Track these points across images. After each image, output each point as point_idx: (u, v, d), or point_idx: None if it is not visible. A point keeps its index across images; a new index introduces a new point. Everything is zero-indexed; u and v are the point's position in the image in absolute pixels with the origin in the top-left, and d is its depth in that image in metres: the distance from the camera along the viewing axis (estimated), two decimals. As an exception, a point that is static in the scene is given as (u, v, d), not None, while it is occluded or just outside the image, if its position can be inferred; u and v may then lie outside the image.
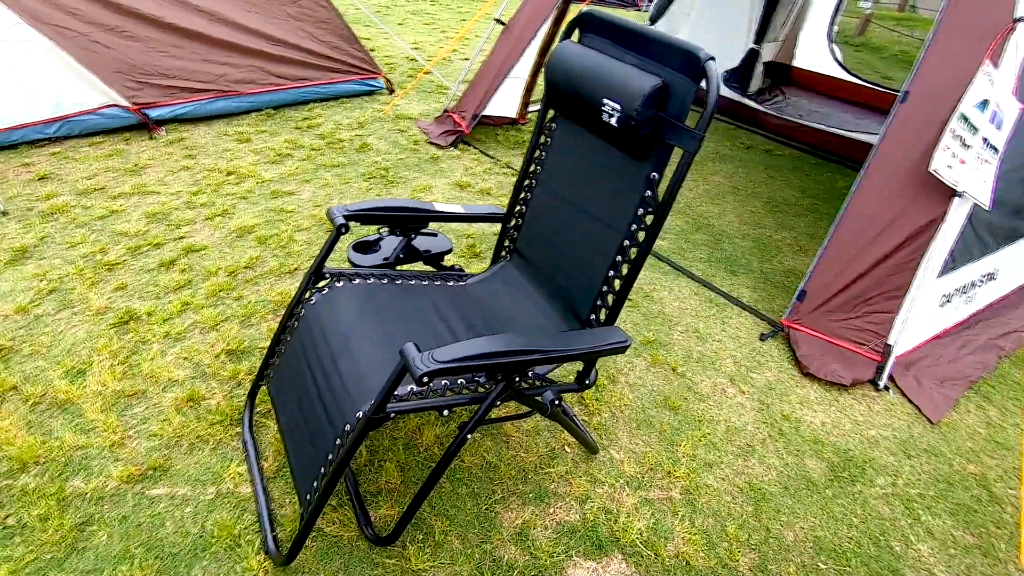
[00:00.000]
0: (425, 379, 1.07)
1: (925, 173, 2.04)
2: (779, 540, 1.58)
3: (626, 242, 1.35)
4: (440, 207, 1.67)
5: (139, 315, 2.00)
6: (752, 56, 4.69)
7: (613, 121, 1.27)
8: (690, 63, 1.15)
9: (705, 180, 3.82)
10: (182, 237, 2.45)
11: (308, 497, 1.26)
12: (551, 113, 1.61)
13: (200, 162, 3.07)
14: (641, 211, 1.31)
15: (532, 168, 1.67)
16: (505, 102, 3.93)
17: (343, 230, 1.46)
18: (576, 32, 1.48)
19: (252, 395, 1.68)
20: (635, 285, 2.58)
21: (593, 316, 1.46)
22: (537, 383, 1.44)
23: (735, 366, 2.20)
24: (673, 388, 2.04)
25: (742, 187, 3.78)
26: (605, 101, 1.27)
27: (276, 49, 3.72)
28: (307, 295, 1.52)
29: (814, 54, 5.24)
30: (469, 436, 1.28)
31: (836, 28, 5.29)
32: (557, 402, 1.39)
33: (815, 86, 5.24)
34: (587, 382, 1.46)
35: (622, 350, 1.31)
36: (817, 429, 1.96)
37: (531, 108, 4.45)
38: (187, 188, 2.81)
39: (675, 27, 5.19)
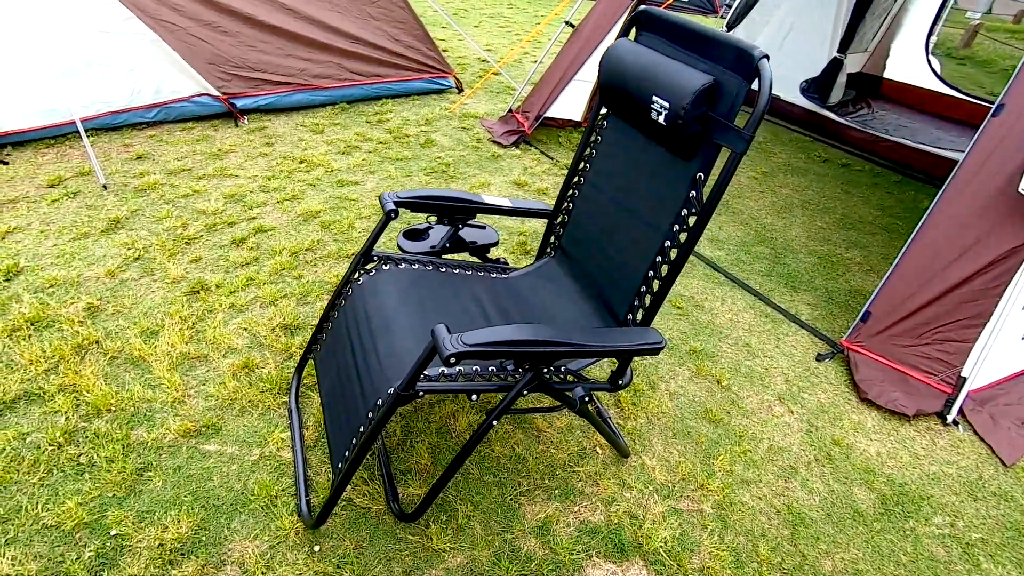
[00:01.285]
0: (452, 360, 1.10)
1: (1014, 194, 1.88)
2: (815, 568, 1.50)
3: (667, 243, 1.33)
4: (488, 199, 1.70)
5: (209, 286, 2.16)
6: (835, 66, 4.45)
7: (661, 119, 1.25)
8: (743, 61, 1.12)
9: (773, 192, 3.66)
10: (254, 218, 2.62)
11: (339, 466, 1.32)
12: (603, 113, 1.61)
13: (277, 150, 3.27)
14: (684, 211, 1.29)
15: (581, 166, 1.67)
16: (570, 104, 3.93)
17: (392, 215, 1.52)
18: (633, 30, 1.48)
19: (300, 368, 1.78)
20: (687, 293, 2.52)
21: (630, 316, 1.44)
22: (569, 378, 1.44)
23: (786, 384, 2.10)
24: (716, 400, 1.98)
25: (813, 201, 3.60)
26: (655, 98, 1.26)
27: (354, 47, 3.91)
28: (355, 275, 1.60)
29: (908, 66, 4.91)
30: (495, 423, 1.30)
31: (935, 39, 4.94)
32: (588, 399, 1.38)
33: (907, 100, 4.91)
34: (620, 382, 1.45)
35: (655, 351, 1.29)
36: (870, 458, 1.84)
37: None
38: (263, 173, 3.01)
39: (753, 34, 5.02)
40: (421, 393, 1.20)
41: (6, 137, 2.82)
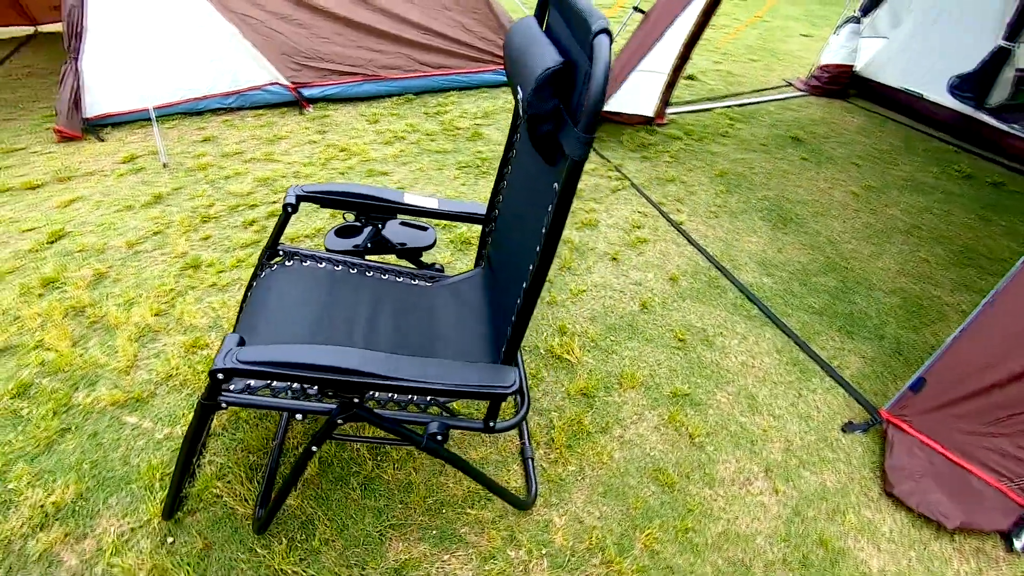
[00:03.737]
0: (219, 376, 0.99)
1: None
2: None
3: (531, 267, 1.08)
4: (409, 199, 1.55)
5: (202, 264, 2.28)
6: (998, 57, 3.51)
7: (522, 112, 1.01)
8: (585, 36, 0.85)
9: (873, 212, 3.00)
10: (275, 202, 2.73)
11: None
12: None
13: (327, 138, 3.39)
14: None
15: (507, 168, 1.45)
16: (637, 98, 3.57)
17: (290, 209, 1.45)
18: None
19: (229, 354, 1.79)
20: (698, 324, 2.14)
21: (504, 348, 1.21)
22: (433, 410, 1.25)
23: (784, 454, 1.67)
24: (676, 459, 1.63)
25: (925, 226, 2.88)
26: (519, 89, 1.02)
27: (425, 38, 3.92)
28: (259, 271, 1.55)
29: None
30: (315, 448, 1.17)
31: None
32: (441, 437, 1.18)
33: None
34: (492, 424, 1.23)
35: (493, 397, 1.07)
36: (868, 575, 1.39)
37: (672, 109, 3.98)
38: (302, 159, 3.13)
39: (896, 20, 4.17)
40: (223, 405, 1.11)
41: (105, 119, 3.26)
